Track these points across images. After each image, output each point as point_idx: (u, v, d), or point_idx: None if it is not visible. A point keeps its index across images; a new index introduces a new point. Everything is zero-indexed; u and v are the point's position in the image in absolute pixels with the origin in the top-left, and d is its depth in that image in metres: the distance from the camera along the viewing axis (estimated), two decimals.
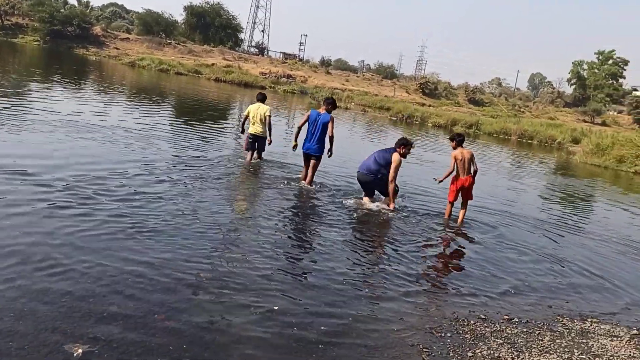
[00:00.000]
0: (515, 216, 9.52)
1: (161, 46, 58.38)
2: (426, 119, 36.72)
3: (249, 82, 46.45)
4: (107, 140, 10.25)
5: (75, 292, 4.02)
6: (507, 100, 68.06)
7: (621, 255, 7.94)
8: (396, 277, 5.50)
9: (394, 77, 76.29)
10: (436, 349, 4.10)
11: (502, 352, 4.21)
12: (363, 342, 4.03)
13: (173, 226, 5.91)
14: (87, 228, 5.40)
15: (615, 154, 23.39)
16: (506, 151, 26.81)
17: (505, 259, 6.78)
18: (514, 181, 15.35)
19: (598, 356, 4.41)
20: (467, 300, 5.25)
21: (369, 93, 53.15)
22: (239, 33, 77.09)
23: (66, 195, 6.29)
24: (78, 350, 3.26)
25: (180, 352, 3.46)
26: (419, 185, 11.02)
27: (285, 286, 4.82)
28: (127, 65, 44.98)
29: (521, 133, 34.19)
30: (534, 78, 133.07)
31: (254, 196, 8.25)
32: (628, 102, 66.94)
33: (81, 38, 53.79)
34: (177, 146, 10.97)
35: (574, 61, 78.77)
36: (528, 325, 4.84)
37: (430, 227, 7.74)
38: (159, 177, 7.89)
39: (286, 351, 3.71)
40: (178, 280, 4.55)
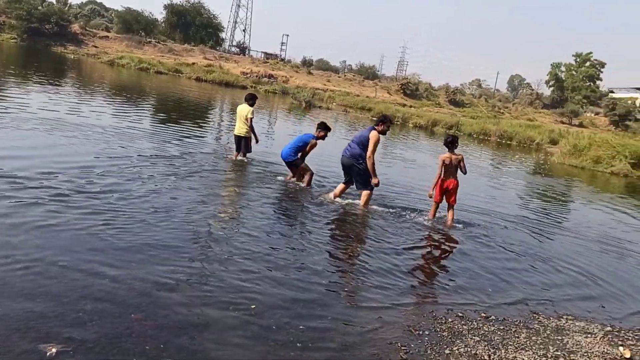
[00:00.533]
0: (494, 214, 9.61)
1: (141, 45, 57.84)
2: (407, 120, 36.96)
3: (230, 81, 46.28)
4: (84, 137, 10.13)
5: (49, 292, 3.96)
6: (487, 101, 68.79)
7: (597, 253, 8.06)
8: (375, 276, 5.52)
9: (376, 78, 76.57)
10: (414, 346, 4.12)
11: (479, 349, 4.25)
12: (342, 340, 4.04)
13: (148, 225, 5.86)
14: (60, 226, 5.33)
15: (592, 154, 23.74)
16: (486, 152, 27.08)
17: (483, 258, 6.84)
18: (494, 180, 15.51)
19: (573, 352, 4.47)
20: (445, 298, 5.29)
21: (350, 93, 53.28)
22: (220, 32, 76.84)
23: (39, 192, 6.20)
24: (52, 350, 3.22)
25: (156, 352, 3.43)
26: (403, 184, 11.09)
27: (263, 286, 4.81)
28: (106, 64, 44.46)
29: (500, 134, 34.58)
30: (513, 79, 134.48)
31: (230, 194, 8.22)
32: (604, 104, 68.01)
33: (59, 36, 53.07)
34: (155, 144, 10.88)
35: (552, 63, 79.90)
36: (505, 322, 4.90)
37: (411, 227, 7.78)
38: (134, 175, 7.82)
39: (264, 350, 3.70)
40: (154, 280, 4.51)
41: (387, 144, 21.24)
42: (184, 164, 9.37)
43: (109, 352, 3.33)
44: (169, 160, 9.46)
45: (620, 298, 6.22)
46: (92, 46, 54.33)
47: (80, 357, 3.24)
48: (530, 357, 4.25)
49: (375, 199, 9.02)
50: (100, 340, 3.44)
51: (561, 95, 75.88)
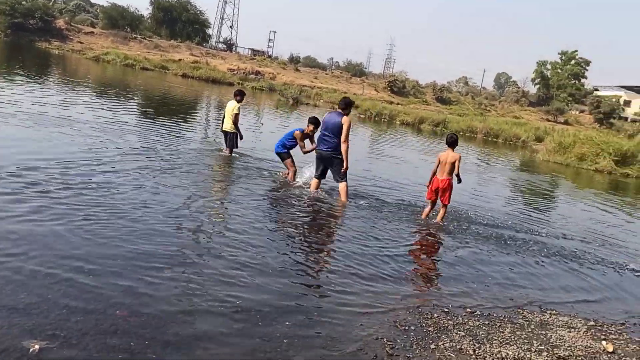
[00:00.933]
0: (480, 210, 9.67)
1: (126, 41, 57.32)
2: (394, 117, 37.05)
3: (217, 78, 46.06)
4: (68, 133, 10.04)
5: (32, 289, 3.93)
6: (473, 99, 69.12)
7: (581, 248, 8.13)
8: (362, 272, 5.52)
9: (363, 75, 76.60)
10: (400, 341, 4.14)
11: (464, 344, 4.28)
12: (328, 335, 4.04)
13: (133, 221, 5.82)
14: (43, 221, 5.28)
15: (577, 152, 23.98)
16: (473, 149, 27.24)
17: (469, 253, 6.89)
18: (481, 177, 15.61)
19: (556, 347, 4.52)
20: (431, 294, 5.33)
21: (337, 90, 53.26)
22: (207, 28, 76.47)
23: (21, 187, 6.14)
24: (35, 346, 3.19)
25: (142, 348, 3.42)
26: (392, 181, 11.12)
27: (249, 282, 4.80)
28: (92, 60, 44.08)
29: (487, 131, 34.81)
30: (499, 77, 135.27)
31: (215, 190, 8.20)
32: (589, 102, 68.68)
33: (44, 31, 52.36)
34: (140, 140, 10.80)
35: (538, 61, 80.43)
36: (490, 317, 4.94)
37: (398, 223, 7.81)
38: (118, 170, 7.76)
39: (250, 346, 3.70)
40: (139, 276, 4.48)
41: (374, 141, 21.32)
42: (168, 159, 9.32)
43: (93, 349, 3.31)
44: (154, 156, 9.40)
45: (604, 293, 6.30)
46: (77, 42, 53.72)
47: (64, 353, 3.21)
48: (515, 351, 4.29)
49: (363, 196, 9.05)
50: (85, 337, 3.41)
51: (547, 93, 76.44)
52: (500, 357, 4.15)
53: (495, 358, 4.12)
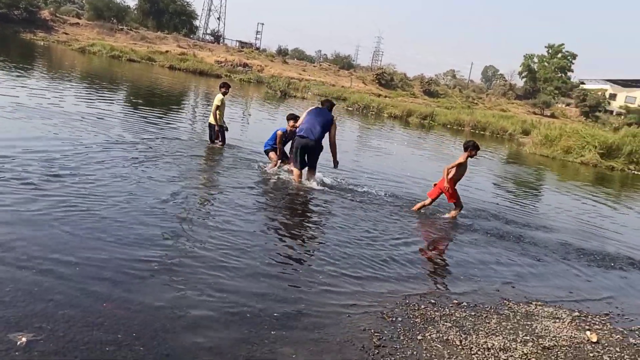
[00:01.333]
0: (467, 202, 9.71)
1: (113, 32, 56.69)
2: (382, 110, 37.04)
3: (204, 70, 45.73)
4: (54, 124, 9.93)
5: (18, 281, 3.90)
6: (461, 92, 69.29)
7: (567, 240, 8.22)
8: (349, 264, 5.55)
9: (351, 68, 76.43)
10: (387, 332, 4.17)
11: (450, 335, 4.32)
12: (316, 327, 4.06)
13: (120, 212, 5.80)
14: (27, 212, 5.24)
15: (563, 145, 24.18)
16: (460, 141, 27.36)
17: (456, 245, 6.94)
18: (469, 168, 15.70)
19: (541, 337, 4.58)
20: (418, 285, 5.36)
21: (325, 83, 53.20)
22: (194, 20, 75.70)
23: (4, 178, 6.08)
24: (22, 339, 3.17)
25: (129, 340, 3.41)
26: (376, 172, 11.15)
27: (236, 273, 4.80)
28: (77, 51, 43.49)
29: (474, 124, 34.94)
30: (487, 70, 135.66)
31: (202, 181, 8.17)
32: (575, 95, 69.25)
33: (28, 22, 51.53)
34: (126, 131, 10.72)
35: (525, 54, 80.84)
36: (476, 309, 4.99)
37: (386, 214, 7.83)
38: (103, 161, 7.71)
39: (238, 337, 3.71)
40: (126, 268, 4.47)
41: (362, 135, 21.34)
42: (155, 150, 9.26)
43: (80, 341, 3.30)
44: (140, 147, 9.33)
45: (588, 284, 6.38)
46: (62, 33, 52.99)
47: (51, 345, 3.20)
48: (501, 342, 4.34)
49: (351, 189, 9.08)
50: (72, 329, 3.40)
51: (534, 86, 76.87)
52: (487, 347, 4.20)
53: (482, 348, 4.17)
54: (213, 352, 3.48)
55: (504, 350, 4.20)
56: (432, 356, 3.93)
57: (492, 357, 4.06)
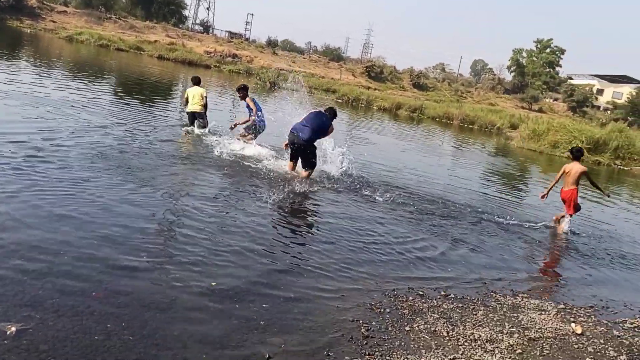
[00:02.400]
0: (455, 193, 9.78)
1: (101, 21, 56.10)
2: (371, 103, 37.06)
3: (193, 60, 45.41)
4: (39, 111, 9.84)
5: (7, 270, 3.88)
6: (450, 85, 69.44)
7: (554, 233, 8.31)
8: (337, 256, 5.58)
9: (341, 60, 76.28)
10: (375, 324, 4.21)
11: (438, 326, 4.37)
12: (305, 318, 4.09)
13: (108, 199, 5.80)
14: (14, 202, 5.20)
15: (550, 139, 24.35)
16: (449, 135, 27.48)
17: (444, 237, 6.98)
18: (457, 161, 15.80)
19: (527, 329, 4.64)
20: (406, 277, 5.40)
21: (315, 75, 53.04)
22: (183, 10, 75.21)
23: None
24: (11, 328, 3.17)
25: (119, 329, 3.42)
26: (372, 163, 11.18)
27: (225, 263, 4.82)
28: (65, 40, 43.00)
29: (463, 118, 35.07)
30: (476, 64, 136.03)
31: (189, 170, 8.14)
32: (563, 90, 69.68)
33: (15, 9, 50.80)
34: (113, 120, 10.64)
35: (514, 49, 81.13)
36: (463, 301, 5.04)
37: (372, 206, 7.86)
38: (89, 150, 7.66)
39: (227, 327, 3.73)
40: (115, 258, 4.46)
41: (352, 127, 21.35)
42: (141, 139, 9.21)
43: (69, 330, 3.30)
44: (127, 136, 9.28)
45: (573, 276, 6.47)
46: (49, 21, 52.34)
47: (40, 335, 3.20)
48: (487, 333, 4.40)
49: (342, 180, 9.10)
50: (61, 318, 3.40)
51: (522, 80, 77.21)
52: (473, 338, 4.25)
53: (469, 339, 4.22)
54: (203, 342, 3.50)
55: (490, 342, 4.25)
56: (420, 347, 3.97)
57: (478, 348, 4.11)
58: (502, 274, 6.04)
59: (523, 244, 7.42)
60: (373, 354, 3.74)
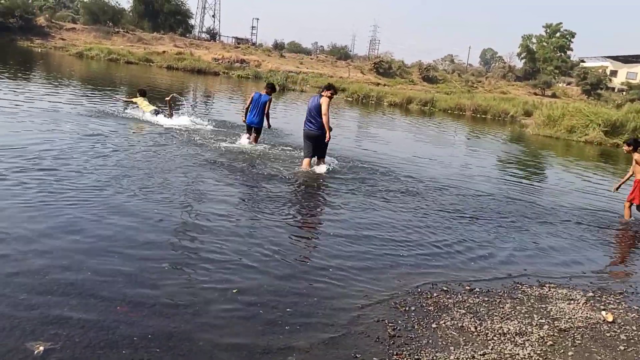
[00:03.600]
0: (471, 184, 9.69)
1: (109, 35, 56.65)
2: (382, 99, 36.93)
3: (202, 68, 45.73)
4: (56, 123, 9.93)
5: (32, 289, 3.90)
6: (460, 76, 68.94)
7: (576, 220, 8.18)
8: (358, 254, 5.54)
9: (348, 58, 76.19)
10: (401, 322, 4.16)
11: (465, 321, 4.30)
12: (329, 320, 4.05)
13: (125, 209, 5.84)
14: (37, 220, 5.24)
15: (566, 124, 24.08)
16: (462, 126, 27.27)
17: (463, 229, 6.89)
18: (471, 151, 15.65)
19: (557, 319, 4.56)
20: (429, 273, 5.33)
21: (323, 75, 52.99)
22: (189, 19, 75.56)
23: (19, 178, 6.08)
24: (39, 348, 3.17)
25: (145, 342, 3.41)
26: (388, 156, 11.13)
27: (247, 269, 4.81)
28: (75, 56, 43.50)
29: (475, 108, 34.83)
30: (485, 53, 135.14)
31: (207, 171, 8.14)
32: (576, 74, 68.83)
33: (25, 30, 51.49)
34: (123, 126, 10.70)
35: (523, 35, 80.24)
36: (489, 294, 4.96)
37: (388, 201, 7.79)
38: (106, 160, 7.70)
39: (252, 333, 3.70)
40: (137, 270, 4.47)
41: (363, 124, 21.27)
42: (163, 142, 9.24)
43: (96, 346, 3.30)
44: (149, 143, 9.32)
45: (600, 264, 6.36)
46: (59, 39, 52.97)
47: (68, 352, 3.20)
48: (516, 326, 4.32)
49: (356, 176, 9.05)
50: (87, 334, 3.40)
51: (533, 67, 76.37)
52: (502, 332, 4.19)
53: (497, 334, 4.15)
54: (229, 350, 3.48)
55: (519, 335, 4.18)
56: (448, 344, 3.91)
57: (508, 342, 4.04)
58: (528, 264, 5.95)
59: (546, 233, 7.30)
60: (401, 353, 3.69)
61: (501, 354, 3.85)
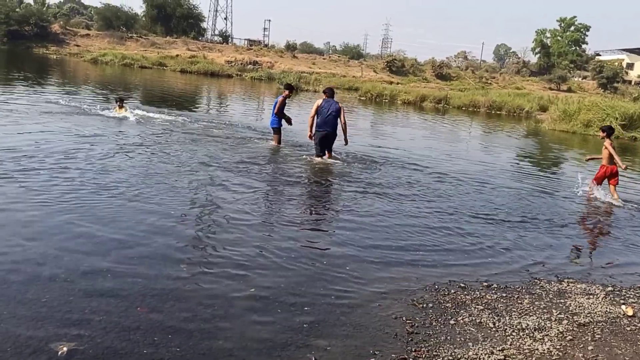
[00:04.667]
0: (487, 179, 9.63)
1: (123, 40, 57.27)
2: (395, 97, 36.79)
3: (215, 71, 46.05)
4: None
5: (53, 291, 3.97)
6: (473, 73, 68.44)
7: (592, 214, 8.10)
8: (374, 251, 5.55)
9: (361, 57, 76.12)
10: (419, 319, 4.16)
11: (483, 317, 4.30)
12: (347, 319, 4.07)
13: (145, 211, 5.91)
14: (54, 215, 5.33)
15: (582, 118, 23.82)
16: (477, 123, 27.10)
17: (480, 226, 6.86)
18: (488, 146, 15.57)
19: (576, 314, 4.53)
20: (446, 270, 5.32)
21: (336, 74, 52.90)
22: (202, 22, 75.92)
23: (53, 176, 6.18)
24: (63, 348, 3.24)
25: (165, 342, 3.46)
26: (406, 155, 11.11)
27: (264, 266, 4.85)
28: (90, 62, 44.03)
29: (490, 104, 34.58)
30: (499, 49, 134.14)
31: (225, 172, 8.20)
32: (592, 68, 67.98)
33: (40, 37, 52.36)
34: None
35: (537, 30, 79.45)
36: (507, 290, 4.95)
37: (406, 198, 7.78)
38: (128, 163, 7.79)
39: (272, 332, 3.73)
40: (156, 271, 4.52)
41: (375, 122, 21.24)
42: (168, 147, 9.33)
43: (118, 346, 3.35)
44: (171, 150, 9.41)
45: (618, 257, 6.29)
46: (73, 45, 53.71)
47: (91, 352, 3.26)
48: (535, 321, 4.30)
49: (368, 168, 9.05)
50: (109, 335, 3.46)
51: (548, 61, 75.60)
52: (521, 328, 4.17)
53: (516, 329, 4.14)
54: (248, 348, 3.51)
55: (538, 330, 4.16)
56: (467, 340, 3.91)
57: (527, 337, 4.03)
58: (545, 260, 5.91)
59: (562, 228, 7.25)
60: (419, 349, 3.70)
61: (520, 349, 3.84)
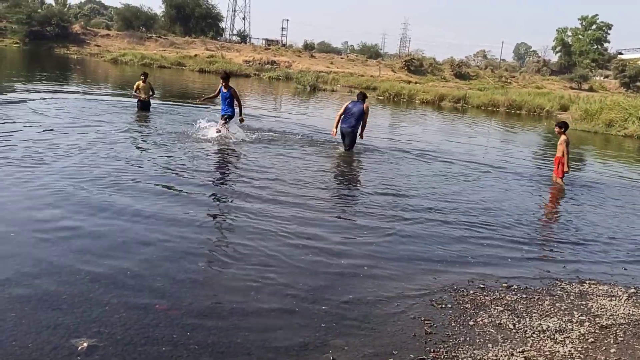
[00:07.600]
0: (510, 177, 9.53)
1: (142, 40, 57.83)
2: (413, 96, 36.56)
3: (233, 70, 46.02)
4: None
5: (75, 288, 4.02)
6: (493, 72, 67.81)
7: (616, 214, 7.98)
8: (392, 251, 5.53)
9: (379, 57, 75.88)
10: (438, 320, 4.13)
11: (503, 318, 4.25)
12: (364, 317, 4.06)
13: (159, 209, 5.98)
14: (77, 218, 5.38)
15: (604, 118, 23.49)
16: (496, 122, 26.85)
17: (499, 225, 6.78)
18: (508, 144, 15.42)
19: (598, 316, 4.46)
20: (465, 270, 5.27)
21: (354, 74, 52.78)
22: (220, 22, 76.39)
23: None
24: (83, 344, 3.27)
25: (184, 339, 3.48)
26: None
27: (282, 266, 4.85)
28: (110, 62, 44.53)
29: (509, 104, 34.21)
30: (519, 48, 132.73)
31: (248, 164, 8.22)
32: (614, 67, 66.96)
33: (61, 37, 53.09)
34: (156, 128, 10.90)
35: (558, 28, 78.55)
36: (527, 291, 4.89)
37: (423, 196, 7.73)
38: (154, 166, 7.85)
39: (289, 331, 3.74)
40: (175, 269, 4.55)
41: (393, 121, 21.14)
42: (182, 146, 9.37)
43: (137, 343, 3.38)
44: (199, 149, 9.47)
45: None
46: (94, 45, 54.37)
47: (110, 349, 3.29)
48: (556, 323, 4.25)
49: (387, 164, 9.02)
50: (129, 331, 3.49)
51: (569, 60, 74.70)
52: (542, 329, 4.12)
53: (537, 331, 4.09)
54: (266, 347, 3.52)
55: (560, 332, 4.11)
56: (486, 341, 3.87)
57: (548, 339, 3.98)
58: (566, 261, 5.82)
59: (583, 226, 7.14)
60: (438, 350, 3.67)
61: (540, 351, 3.79)
